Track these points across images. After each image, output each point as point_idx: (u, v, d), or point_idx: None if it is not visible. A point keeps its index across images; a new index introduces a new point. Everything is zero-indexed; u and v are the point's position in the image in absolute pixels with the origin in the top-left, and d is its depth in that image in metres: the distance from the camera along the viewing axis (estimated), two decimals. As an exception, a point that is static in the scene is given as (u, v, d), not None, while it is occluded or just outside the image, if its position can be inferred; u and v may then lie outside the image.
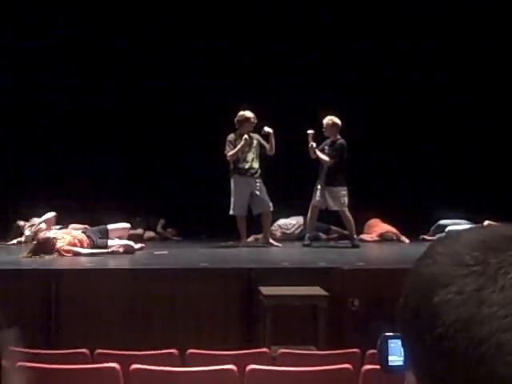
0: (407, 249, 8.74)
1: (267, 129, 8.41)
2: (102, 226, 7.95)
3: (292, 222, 9.55)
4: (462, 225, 8.57)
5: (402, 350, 0.74)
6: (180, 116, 10.40)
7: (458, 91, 10.47)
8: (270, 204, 8.43)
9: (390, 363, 0.78)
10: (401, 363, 0.75)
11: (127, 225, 8.31)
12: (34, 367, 3.78)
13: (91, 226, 8.14)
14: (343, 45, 10.44)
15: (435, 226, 9.15)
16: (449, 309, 0.66)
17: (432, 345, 0.67)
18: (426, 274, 0.70)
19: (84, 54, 10.23)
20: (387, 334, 0.77)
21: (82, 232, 7.82)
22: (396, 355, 0.80)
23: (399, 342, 0.74)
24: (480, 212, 8.42)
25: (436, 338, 0.66)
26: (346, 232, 8.82)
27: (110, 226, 7.96)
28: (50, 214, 8.29)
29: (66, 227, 8.06)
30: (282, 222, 9.51)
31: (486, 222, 8.76)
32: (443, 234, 0.83)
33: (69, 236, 7.62)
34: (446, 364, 0.66)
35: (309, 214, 8.56)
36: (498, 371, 0.63)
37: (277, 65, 10.51)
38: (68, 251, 7.40)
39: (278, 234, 9.31)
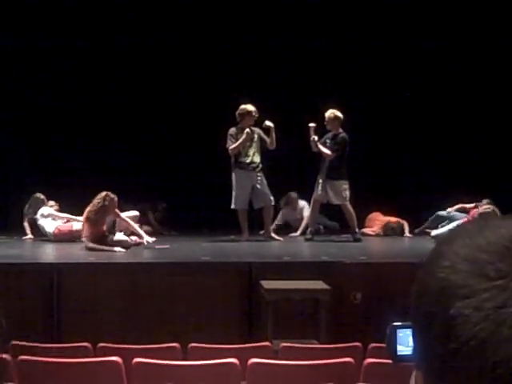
0: (409, 243, 8.75)
1: (268, 123, 8.40)
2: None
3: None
4: (459, 218, 8.57)
5: (412, 341, 0.71)
6: (181, 110, 10.39)
7: (457, 87, 10.46)
8: (272, 198, 8.43)
9: (399, 353, 0.77)
10: (409, 353, 0.74)
11: (136, 213, 8.34)
12: (36, 361, 3.79)
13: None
14: (344, 37, 10.43)
15: (433, 217, 9.13)
16: (465, 325, 0.62)
17: (444, 356, 0.63)
18: (442, 279, 0.65)
19: (88, 46, 10.22)
20: (396, 323, 0.75)
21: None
22: (404, 345, 0.79)
23: (408, 332, 0.72)
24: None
25: (448, 353, 0.63)
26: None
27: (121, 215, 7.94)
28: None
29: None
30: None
31: (485, 201, 8.81)
32: (458, 225, 0.75)
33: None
34: (456, 379, 0.62)
35: (310, 208, 8.55)
36: None
37: (278, 58, 10.50)
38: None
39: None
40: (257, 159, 8.42)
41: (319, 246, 8.10)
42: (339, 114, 8.43)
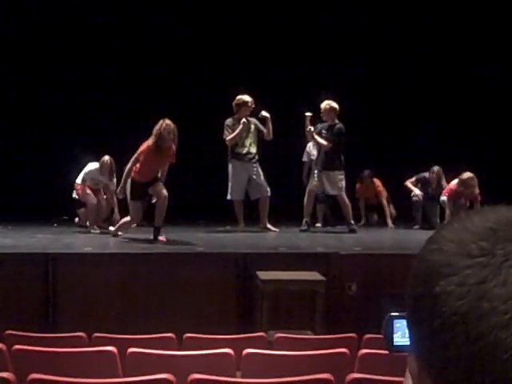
0: (404, 234, 8.76)
1: (264, 113, 8.38)
2: None
3: None
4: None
5: (408, 331, 0.74)
6: (176, 104, 10.35)
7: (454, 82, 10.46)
8: (268, 189, 8.43)
9: (396, 343, 0.77)
10: (406, 343, 0.75)
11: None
12: (31, 350, 3.79)
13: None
14: (340, 28, 10.41)
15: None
16: (449, 300, 0.64)
17: (431, 334, 0.66)
18: (430, 260, 0.68)
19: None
20: (393, 313, 0.76)
21: None
22: (401, 335, 0.79)
23: (405, 322, 0.73)
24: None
25: (435, 329, 0.65)
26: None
27: None
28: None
29: None
30: None
31: (436, 168, 8.89)
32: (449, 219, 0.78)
33: None
34: (443, 356, 0.65)
35: (305, 199, 8.56)
36: (494, 368, 0.61)
37: (274, 49, 10.48)
38: None
39: None
40: (253, 150, 8.40)
41: (315, 237, 8.11)
42: (335, 105, 8.43)
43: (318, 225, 9.14)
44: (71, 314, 5.96)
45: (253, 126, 8.43)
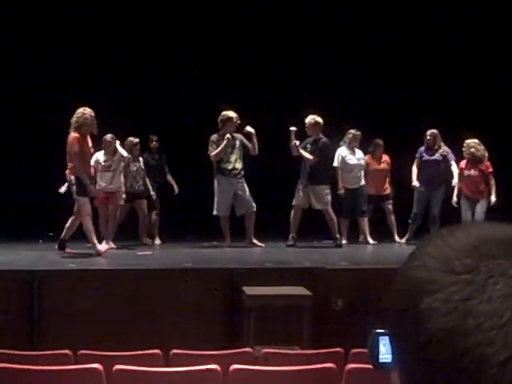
0: (390, 249, 8.78)
1: (249, 128, 8.41)
2: None
3: None
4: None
5: (390, 347, 0.74)
6: (164, 119, 10.35)
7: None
8: (253, 205, 8.43)
9: (381, 360, 0.78)
10: (391, 360, 0.75)
11: None
12: (15, 369, 3.75)
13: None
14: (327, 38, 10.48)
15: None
16: (434, 317, 0.64)
17: (416, 351, 0.65)
18: (413, 277, 0.68)
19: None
20: (378, 330, 0.76)
21: None
22: (387, 352, 0.80)
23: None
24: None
25: (419, 345, 0.65)
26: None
27: None
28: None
29: None
30: None
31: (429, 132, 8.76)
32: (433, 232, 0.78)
33: None
34: (428, 372, 0.65)
35: (292, 214, 8.57)
36: None
37: (259, 65, 10.53)
38: None
39: None
40: (239, 165, 8.42)
41: (301, 252, 8.11)
42: (319, 120, 8.48)
43: (344, 241, 8.79)
44: (56, 331, 5.91)
45: (238, 142, 8.45)
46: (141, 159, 9.01)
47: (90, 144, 7.70)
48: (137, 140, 8.88)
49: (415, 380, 0.67)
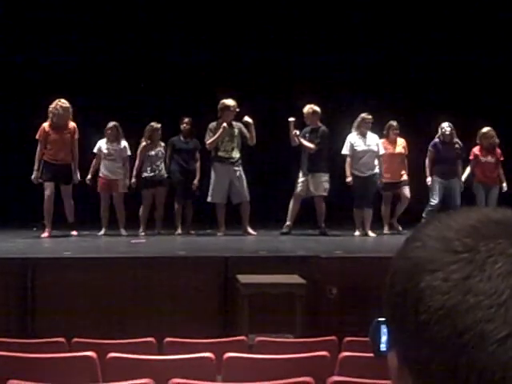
0: (385, 238, 8.79)
1: (247, 118, 8.42)
2: None
3: None
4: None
5: (386, 330, 0.74)
6: (163, 109, 10.30)
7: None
8: (247, 195, 8.42)
9: (382, 348, 0.78)
10: None
11: None
12: (10, 356, 3.75)
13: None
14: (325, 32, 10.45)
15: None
16: (434, 295, 0.66)
17: (416, 330, 0.66)
18: (413, 257, 0.69)
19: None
20: (380, 319, 0.77)
21: None
22: (388, 340, 0.80)
23: None
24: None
25: (420, 324, 0.66)
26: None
27: None
28: None
29: None
30: None
31: (446, 124, 8.69)
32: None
33: None
34: (428, 350, 0.66)
35: (291, 203, 8.58)
36: (480, 361, 0.63)
37: (258, 53, 10.49)
38: None
39: None
40: (236, 154, 8.42)
41: (295, 241, 8.12)
42: (317, 109, 8.51)
43: (357, 233, 8.61)
44: (50, 319, 5.91)
45: (236, 131, 8.44)
46: (162, 144, 8.73)
47: (76, 134, 8.16)
48: (158, 125, 8.66)
49: (415, 360, 0.67)
